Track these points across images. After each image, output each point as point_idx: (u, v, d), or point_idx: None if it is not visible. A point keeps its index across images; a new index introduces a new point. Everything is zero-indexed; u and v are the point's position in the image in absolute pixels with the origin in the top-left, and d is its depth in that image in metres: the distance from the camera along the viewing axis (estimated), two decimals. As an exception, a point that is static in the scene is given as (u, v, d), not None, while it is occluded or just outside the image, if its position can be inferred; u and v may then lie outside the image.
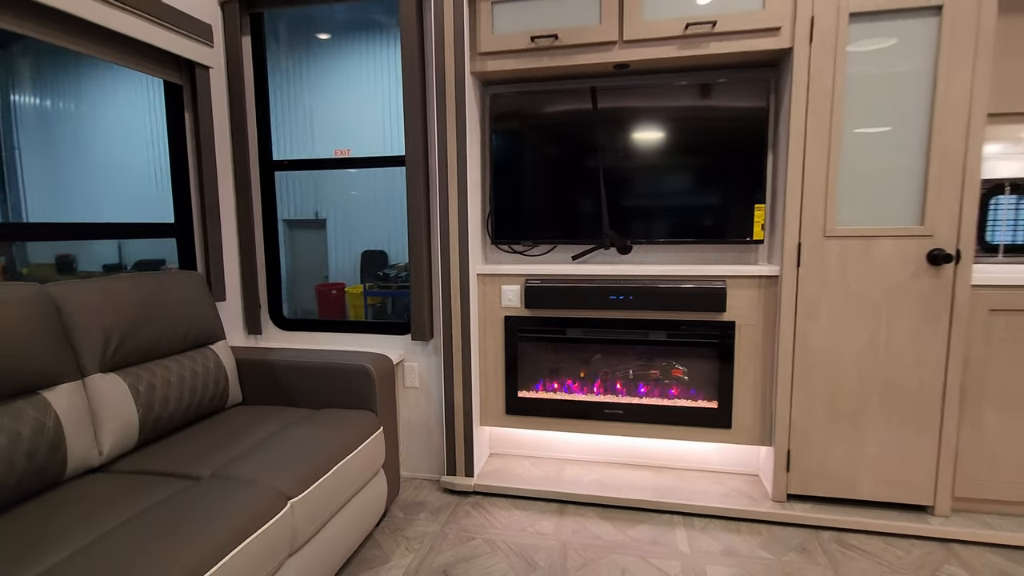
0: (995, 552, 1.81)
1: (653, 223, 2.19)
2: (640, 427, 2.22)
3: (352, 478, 1.64)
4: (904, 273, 1.87)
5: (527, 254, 2.39)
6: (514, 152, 2.25)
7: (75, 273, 6.72)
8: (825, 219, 1.91)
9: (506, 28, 2.08)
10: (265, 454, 1.49)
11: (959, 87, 1.78)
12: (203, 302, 1.89)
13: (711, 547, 1.86)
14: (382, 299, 7.41)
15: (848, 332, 1.93)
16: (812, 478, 2.02)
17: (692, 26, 1.92)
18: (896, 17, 1.80)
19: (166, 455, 1.52)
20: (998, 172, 2.22)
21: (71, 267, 6.64)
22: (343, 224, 7.77)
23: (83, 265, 6.57)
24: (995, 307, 1.86)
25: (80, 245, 6.28)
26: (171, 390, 1.64)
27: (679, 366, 2.21)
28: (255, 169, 2.41)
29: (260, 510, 1.26)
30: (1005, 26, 1.87)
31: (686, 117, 2.10)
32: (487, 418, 2.35)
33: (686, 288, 2.08)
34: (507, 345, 2.29)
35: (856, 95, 1.85)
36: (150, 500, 1.27)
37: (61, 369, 1.39)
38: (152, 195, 6.52)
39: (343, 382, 1.92)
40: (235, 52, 2.26)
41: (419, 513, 2.11)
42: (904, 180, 1.86)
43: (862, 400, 1.95)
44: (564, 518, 2.06)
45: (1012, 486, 1.90)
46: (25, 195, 6.66)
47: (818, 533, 1.94)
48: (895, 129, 1.84)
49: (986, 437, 1.90)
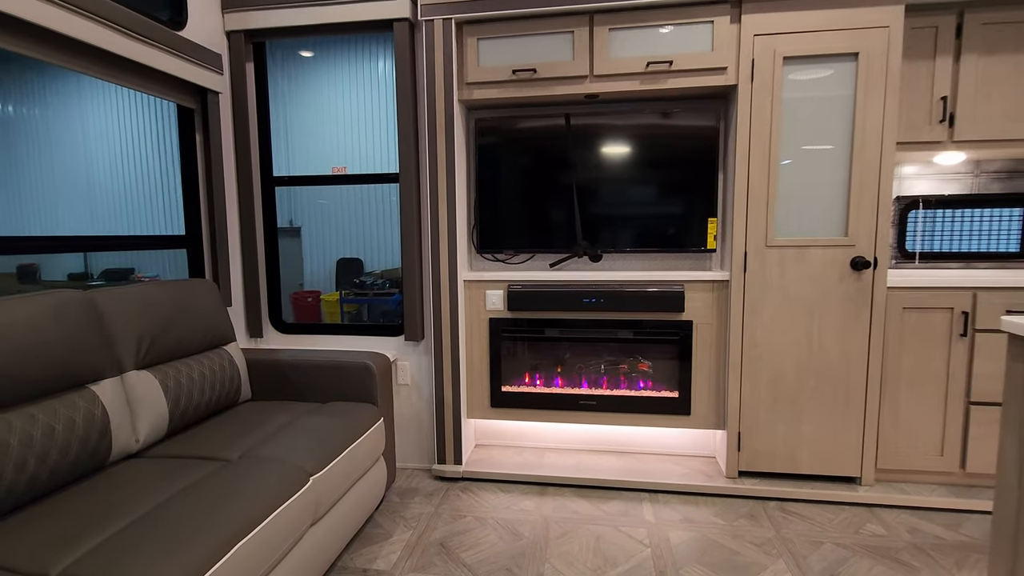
0: (909, 513, 2.14)
1: (621, 234, 2.47)
2: (612, 416, 2.49)
3: (360, 461, 1.86)
4: (832, 277, 2.20)
5: (509, 262, 2.64)
6: (496, 170, 2.51)
7: (39, 283, 6.65)
8: (766, 231, 2.22)
9: (490, 61, 2.34)
10: (285, 439, 1.69)
11: (873, 119, 2.11)
12: (217, 307, 2.08)
13: (673, 517, 2.14)
14: (358, 306, 7.54)
15: (787, 328, 2.24)
16: (759, 456, 2.32)
17: (652, 64, 2.22)
18: (821, 61, 2.13)
19: (195, 442, 1.71)
20: (914, 190, 2.59)
21: (34, 277, 6.57)
22: (318, 232, 7.87)
23: (47, 275, 6.51)
24: (907, 305, 2.19)
25: (43, 255, 6.23)
26: (194, 386, 1.83)
27: (645, 360, 2.49)
28: (257, 185, 2.60)
29: (288, 484, 1.47)
30: (911, 70, 2.23)
31: (648, 142, 2.39)
32: (474, 411, 2.58)
33: (650, 291, 2.37)
34: (492, 344, 2.54)
35: (792, 122, 2.17)
36: (191, 478, 1.47)
37: (105, 366, 1.57)
38: (120, 206, 6.51)
39: (346, 378, 2.13)
40: (240, 77, 2.46)
41: (414, 497, 2.33)
42: (831, 198, 2.18)
43: (799, 387, 2.26)
44: (545, 498, 2.31)
45: (923, 457, 2.24)
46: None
47: (764, 503, 2.24)
48: (823, 155, 2.17)
49: (902, 416, 2.24)
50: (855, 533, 2.01)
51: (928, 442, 2.23)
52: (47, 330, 1.41)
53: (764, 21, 2.13)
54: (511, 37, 2.31)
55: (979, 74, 2.19)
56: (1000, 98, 2.19)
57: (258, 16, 2.41)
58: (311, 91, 2.81)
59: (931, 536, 1.98)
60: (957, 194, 2.55)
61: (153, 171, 4.94)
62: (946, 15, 2.18)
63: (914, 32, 2.21)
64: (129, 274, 6.40)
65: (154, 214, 5.20)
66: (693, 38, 2.20)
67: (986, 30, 2.16)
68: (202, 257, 2.35)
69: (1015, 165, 2.50)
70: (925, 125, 2.24)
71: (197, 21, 2.28)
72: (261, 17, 2.40)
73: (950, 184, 2.56)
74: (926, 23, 2.19)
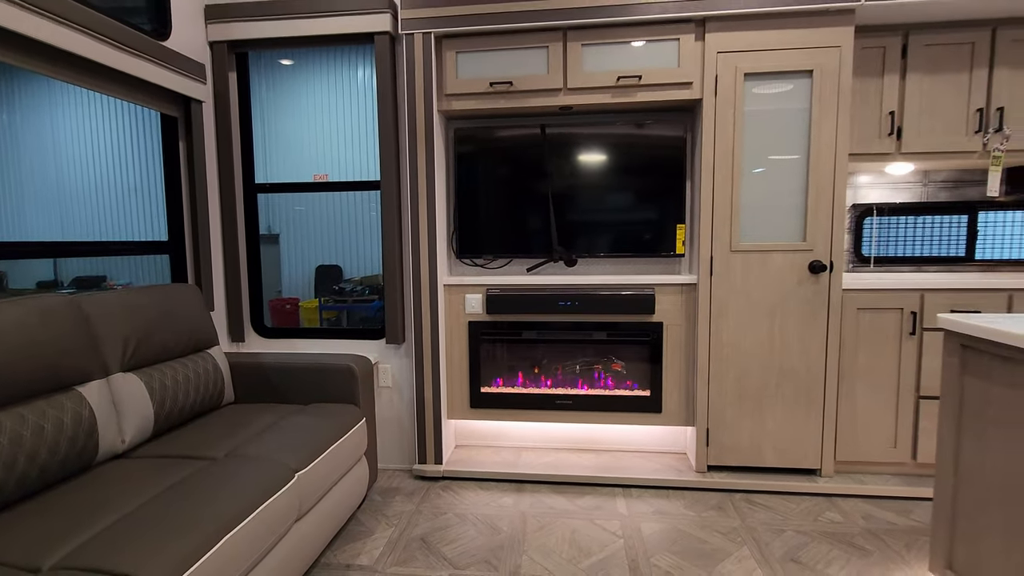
0: (865, 501, 2.28)
1: (595, 240, 2.58)
2: (587, 414, 2.58)
3: (343, 459, 1.91)
4: (792, 280, 2.33)
5: (487, 267, 2.73)
6: (475, 178, 2.60)
7: (6, 291, 6.51)
8: (731, 236, 2.35)
9: (469, 74, 2.44)
10: (270, 438, 1.75)
11: (827, 132, 2.26)
12: (200, 312, 2.12)
13: (645, 510, 2.24)
14: (337, 313, 7.53)
15: (751, 329, 2.37)
16: (726, 451, 2.44)
17: (623, 79, 2.34)
18: (779, 78, 2.28)
19: (180, 442, 1.75)
20: (869, 198, 2.75)
21: (1, 284, 6.42)
22: (296, 239, 7.86)
23: (14, 282, 6.37)
24: (861, 306, 2.34)
25: (11, 262, 6.11)
26: (179, 388, 1.87)
27: (618, 361, 2.60)
28: (239, 192, 2.65)
29: (274, 480, 1.52)
30: (862, 86, 2.39)
31: (620, 152, 2.51)
32: (453, 412, 2.65)
33: (622, 295, 2.48)
34: (471, 347, 2.62)
35: (753, 134, 2.31)
36: (178, 476, 1.52)
37: (92, 368, 1.61)
38: (95, 212, 6.41)
39: (329, 380, 2.18)
40: (223, 86, 2.51)
41: (395, 496, 2.39)
42: (791, 205, 2.32)
43: (763, 384, 2.39)
44: (522, 494, 2.39)
45: (878, 449, 2.38)
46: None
47: (731, 495, 2.35)
48: (783, 165, 2.31)
49: (858, 411, 2.38)
50: (815, 520, 2.13)
51: (882, 435, 2.38)
52: (36, 333, 1.45)
53: (726, 39, 2.27)
54: (488, 51, 2.41)
55: (923, 91, 2.36)
56: (942, 113, 2.36)
57: (241, 27, 2.47)
58: (293, 99, 2.87)
59: (884, 522, 2.12)
60: (908, 202, 2.72)
61: (132, 177, 4.90)
62: (892, 36, 2.34)
63: (864, 51, 2.37)
64: (101, 282, 6.31)
65: (131, 220, 5.15)
66: (661, 55, 2.32)
67: (928, 51, 2.33)
68: (185, 262, 2.38)
69: (959, 175, 2.68)
70: (876, 138, 2.40)
71: (181, 32, 2.32)
72: (244, 28, 2.46)
73: (901, 192, 2.72)
74: (875, 43, 2.35)
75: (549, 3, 2.29)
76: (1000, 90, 2.32)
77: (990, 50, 2.31)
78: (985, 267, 2.72)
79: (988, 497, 1.41)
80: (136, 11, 2.20)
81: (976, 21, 2.32)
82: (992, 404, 1.40)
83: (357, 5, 2.39)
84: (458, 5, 2.33)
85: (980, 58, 2.31)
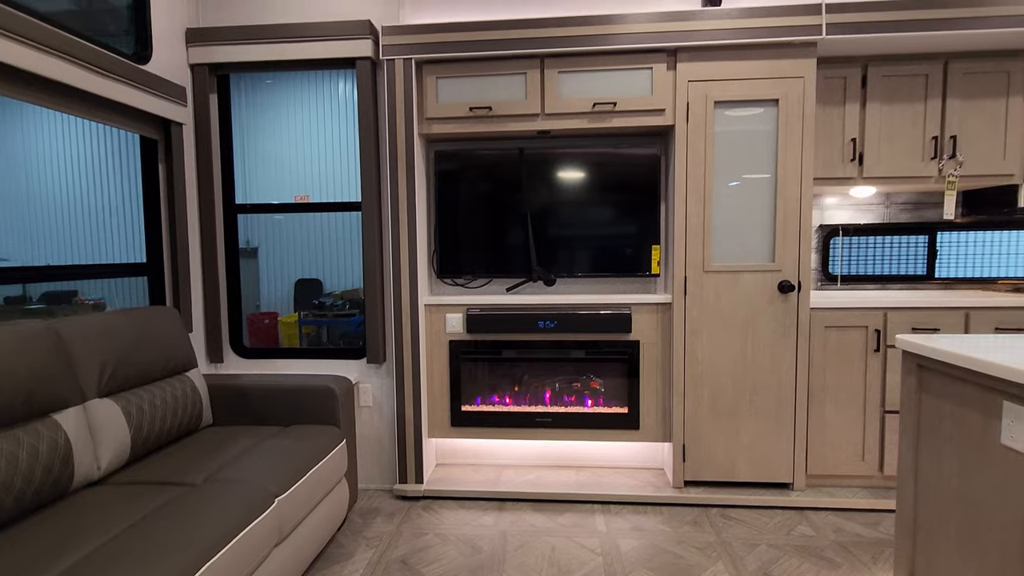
0: (835, 514, 2.35)
1: (573, 260, 2.64)
2: (566, 432, 2.62)
3: (323, 482, 1.92)
4: (762, 299, 2.42)
5: (468, 287, 2.77)
6: (455, 200, 2.65)
7: (-27, 307, 6.34)
8: (704, 257, 2.43)
9: (449, 98, 2.49)
10: (249, 461, 1.75)
11: (793, 157, 2.36)
12: (179, 334, 2.11)
13: (623, 526, 2.27)
14: (317, 328, 7.46)
15: (724, 346, 2.44)
16: (702, 466, 2.50)
17: (598, 105, 2.42)
18: (747, 106, 2.38)
19: (158, 468, 1.74)
20: (834, 219, 2.86)
21: (-32, 303, 6.26)
22: (276, 252, 7.80)
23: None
24: (828, 324, 2.43)
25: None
26: (156, 412, 1.86)
27: (596, 379, 2.65)
28: (219, 213, 2.65)
29: (254, 504, 1.53)
30: (825, 114, 2.50)
31: (597, 176, 2.58)
32: (434, 430, 2.67)
33: (600, 314, 2.53)
34: (451, 366, 2.64)
35: (723, 160, 2.40)
36: (156, 502, 1.51)
37: (68, 394, 1.60)
38: (68, 234, 6.30)
39: (309, 401, 2.19)
40: (203, 108, 2.53)
41: (375, 517, 2.39)
42: (760, 227, 2.41)
43: (737, 401, 2.46)
44: (503, 513, 2.41)
45: (847, 463, 2.46)
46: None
47: (707, 510, 2.40)
48: (753, 190, 2.40)
49: (827, 426, 2.46)
50: (787, 534, 2.19)
51: (851, 448, 2.46)
52: (12, 362, 1.45)
53: (696, 69, 2.36)
54: (468, 77, 2.47)
55: (882, 119, 2.48)
56: (900, 140, 2.48)
57: (222, 51, 2.49)
58: (275, 119, 2.89)
59: (853, 534, 2.19)
60: (871, 223, 2.84)
61: (110, 199, 4.85)
62: (853, 67, 2.47)
63: (827, 81, 2.49)
64: (71, 297, 6.18)
65: (109, 241, 5.09)
66: (635, 82, 2.41)
67: (886, 81, 2.46)
68: (163, 284, 2.37)
69: (919, 198, 2.81)
70: (839, 162, 2.51)
71: (162, 55, 2.34)
72: (226, 52, 2.49)
73: (865, 214, 2.84)
74: (836, 74, 2.47)
75: (527, 32, 2.37)
76: (953, 119, 2.45)
77: (943, 82, 2.45)
78: (945, 285, 2.84)
79: (944, 510, 1.48)
80: (117, 35, 2.21)
81: (929, 54, 2.45)
82: (945, 421, 1.48)
83: (339, 31, 2.44)
84: (439, 33, 2.40)
85: (934, 89, 2.45)
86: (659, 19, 2.32)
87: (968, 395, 1.39)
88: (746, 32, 2.29)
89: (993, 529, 1.31)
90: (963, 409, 1.41)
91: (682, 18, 2.31)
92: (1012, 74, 2.41)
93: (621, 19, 2.34)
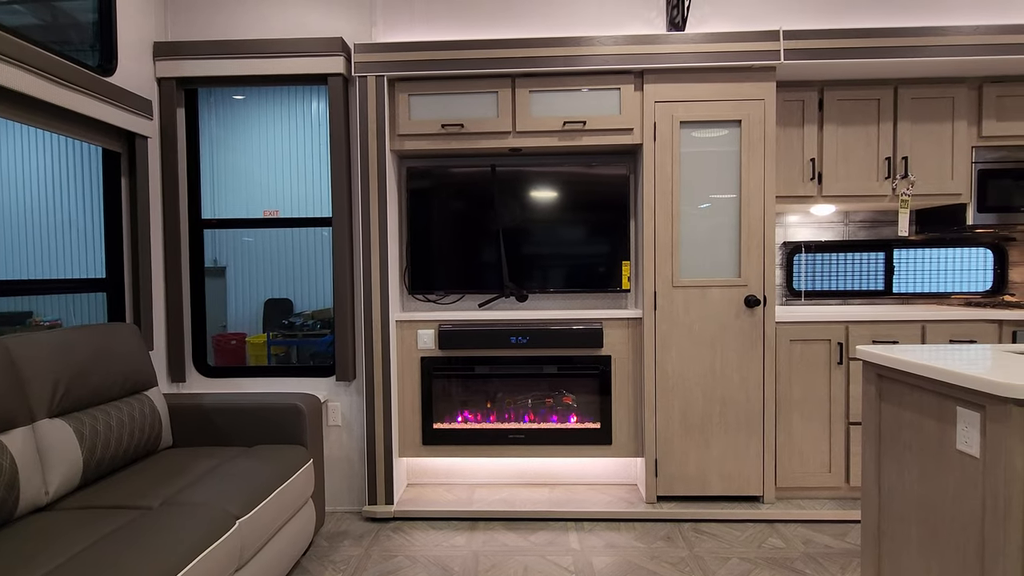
0: (804, 526, 2.37)
1: (545, 276, 2.66)
2: (539, 448, 2.60)
3: (288, 504, 1.86)
4: (730, 313, 2.47)
5: (440, 303, 2.75)
6: (427, 216, 2.65)
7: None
8: (673, 272, 2.47)
9: (421, 115, 2.51)
10: (210, 483, 1.68)
11: (756, 176, 2.44)
12: (139, 352, 2.04)
13: (596, 543, 2.25)
14: (286, 348, 7.28)
15: (694, 360, 2.48)
16: (675, 481, 2.50)
17: (568, 123, 2.46)
18: (712, 126, 2.46)
19: (112, 492, 1.66)
20: (797, 236, 2.96)
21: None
22: (244, 272, 7.62)
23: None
24: (793, 338, 2.49)
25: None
26: (112, 433, 1.79)
27: (569, 394, 2.65)
28: (184, 228, 2.59)
29: (214, 527, 1.47)
30: (786, 135, 2.60)
31: (568, 192, 2.62)
32: (405, 449, 2.62)
33: (572, 329, 2.55)
34: (423, 383, 2.61)
35: (690, 177, 2.46)
36: (108, 528, 1.44)
37: (16, 414, 1.52)
38: (20, 247, 6.07)
39: (274, 420, 2.13)
40: (170, 122, 2.48)
41: (343, 540, 2.32)
42: (726, 243, 2.47)
43: (707, 414, 2.48)
44: (475, 533, 2.36)
45: (815, 475, 2.50)
46: None
47: (680, 525, 2.40)
48: (719, 206, 2.46)
49: (794, 438, 2.50)
50: (758, 547, 2.20)
51: (818, 460, 2.50)
52: (-46, 378, 1.37)
53: (663, 90, 2.44)
54: (440, 95, 2.50)
55: (838, 140, 2.59)
56: (856, 161, 2.59)
57: (191, 65, 2.46)
58: (244, 133, 2.86)
59: (822, 546, 2.21)
60: (832, 240, 2.94)
61: (68, 212, 4.71)
62: (810, 91, 2.58)
63: (786, 104, 2.59)
64: (26, 318, 5.93)
65: (66, 256, 4.92)
66: (603, 102, 2.47)
67: (841, 105, 2.58)
68: (123, 300, 2.30)
69: (875, 216, 2.93)
70: (800, 182, 2.61)
71: (128, 67, 2.30)
72: (195, 66, 2.46)
73: (826, 231, 2.95)
74: (795, 97, 2.58)
75: (498, 52, 2.41)
76: (904, 141, 2.58)
77: (893, 106, 2.57)
78: (902, 300, 2.95)
79: (906, 516, 1.52)
80: (81, 47, 2.17)
81: (880, 80, 2.58)
82: (905, 428, 1.52)
83: (311, 47, 2.44)
84: (411, 51, 2.42)
85: (885, 113, 2.57)
86: (626, 42, 2.39)
87: (925, 403, 1.43)
88: (709, 56, 2.38)
89: (952, 533, 1.34)
90: (921, 417, 1.45)
91: (648, 41, 2.39)
92: (956, 99, 2.55)
93: (590, 41, 2.40)
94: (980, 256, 2.96)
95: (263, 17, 2.59)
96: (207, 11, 2.59)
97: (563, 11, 2.59)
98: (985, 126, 2.56)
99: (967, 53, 2.35)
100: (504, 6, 2.60)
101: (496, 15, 2.60)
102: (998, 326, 2.41)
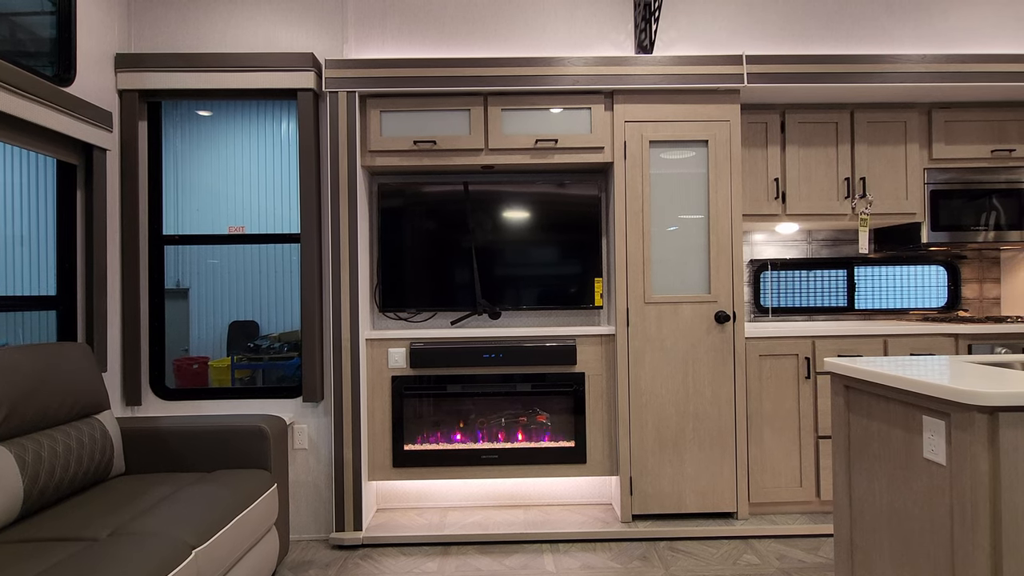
0: (778, 541, 2.37)
1: (518, 293, 2.64)
2: (513, 468, 2.55)
3: (249, 531, 1.76)
4: (701, 329, 2.49)
5: (411, 320, 2.71)
6: (399, 232, 2.62)
7: None
8: (644, 289, 2.49)
9: (393, 132, 2.50)
10: (164, 511, 1.58)
11: (723, 195, 2.50)
12: (89, 373, 1.93)
13: (572, 565, 2.20)
14: (251, 372, 7.05)
15: (666, 376, 2.48)
16: (649, 499, 2.48)
17: (540, 141, 2.49)
18: (680, 146, 2.51)
19: (55, 523, 1.54)
20: (764, 254, 3.03)
21: None
22: (208, 293, 7.39)
23: None
24: (763, 353, 2.52)
25: None
26: (58, 460, 1.67)
27: (543, 412, 2.61)
28: (144, 243, 2.50)
29: (167, 557, 1.37)
30: (752, 156, 2.68)
31: (540, 209, 2.63)
32: (375, 472, 2.53)
33: (545, 346, 2.53)
34: (394, 403, 2.54)
35: (660, 195, 2.50)
36: (48, 562, 1.33)
37: (-51, 440, 1.41)
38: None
39: (236, 444, 2.03)
40: (131, 134, 2.41)
41: (308, 570, 2.21)
42: (696, 260, 2.51)
43: (680, 430, 2.48)
44: (447, 558, 2.28)
45: (786, 490, 2.51)
46: None
47: (655, 543, 2.37)
48: (688, 224, 2.51)
49: (766, 453, 2.52)
50: (733, 564, 2.19)
51: (789, 475, 2.52)
52: None
53: (632, 111, 2.49)
54: (413, 111, 2.49)
55: (800, 161, 2.68)
56: (817, 181, 2.68)
57: (156, 77, 2.41)
58: (210, 148, 2.79)
59: (796, 560, 2.21)
60: (796, 258, 3.02)
61: (14, 227, 4.51)
62: (772, 114, 2.67)
63: (751, 125, 2.68)
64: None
65: (10, 272, 4.71)
66: (575, 121, 2.50)
67: (802, 127, 2.68)
68: (75, 319, 2.18)
69: (836, 234, 3.02)
70: (765, 201, 2.68)
71: (87, 78, 2.23)
72: (159, 79, 2.40)
73: (791, 249, 3.03)
74: (759, 119, 2.67)
75: (471, 70, 2.43)
76: (861, 162, 2.68)
77: (851, 129, 2.68)
78: (864, 316, 3.04)
79: (877, 527, 1.53)
80: (38, 55, 2.10)
81: (838, 104, 2.70)
82: (873, 439, 1.54)
83: (281, 62, 2.42)
84: (383, 68, 2.42)
85: (843, 135, 2.68)
86: (596, 63, 2.44)
87: (892, 413, 1.46)
88: (676, 78, 2.45)
89: (923, 541, 1.35)
90: (889, 427, 1.48)
91: (617, 63, 2.44)
92: (908, 123, 2.68)
93: (561, 61, 2.44)
94: (935, 273, 3.08)
95: (232, 33, 2.56)
96: (173, 24, 2.54)
97: (534, 32, 2.64)
98: (935, 149, 2.69)
99: (916, 80, 2.48)
100: (476, 26, 2.63)
101: (468, 34, 2.63)
102: (955, 340, 2.50)
